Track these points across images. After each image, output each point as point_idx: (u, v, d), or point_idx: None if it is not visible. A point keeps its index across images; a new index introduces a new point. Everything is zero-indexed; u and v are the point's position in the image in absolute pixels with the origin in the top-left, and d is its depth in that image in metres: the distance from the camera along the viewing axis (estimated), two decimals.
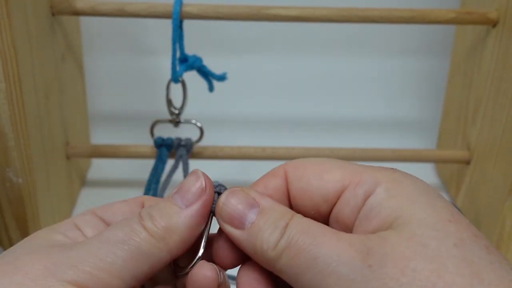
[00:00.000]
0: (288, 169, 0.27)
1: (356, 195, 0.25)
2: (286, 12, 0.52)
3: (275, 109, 0.75)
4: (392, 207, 0.24)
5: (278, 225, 0.24)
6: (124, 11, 0.52)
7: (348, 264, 0.22)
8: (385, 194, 0.24)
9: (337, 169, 0.26)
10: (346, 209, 0.25)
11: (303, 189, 0.26)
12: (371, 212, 0.24)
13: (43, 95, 0.49)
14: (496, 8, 0.53)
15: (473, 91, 0.58)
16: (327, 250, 0.23)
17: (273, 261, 0.24)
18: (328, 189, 0.26)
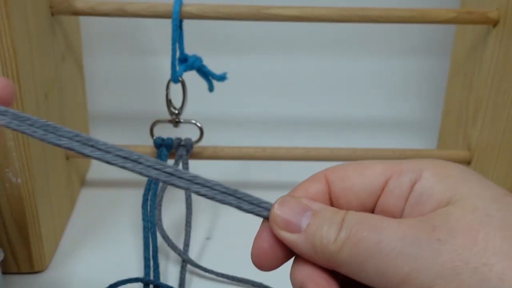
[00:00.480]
0: (328, 173, 0.27)
1: (401, 183, 0.25)
2: (286, 12, 0.52)
3: (275, 109, 0.75)
4: (444, 187, 0.24)
5: (334, 220, 0.24)
6: (124, 11, 0.52)
7: (415, 243, 0.22)
8: (434, 178, 0.25)
9: (377, 164, 0.26)
10: (391, 199, 0.25)
11: (346, 188, 0.26)
12: (422, 197, 0.24)
13: (43, 95, 0.49)
14: (496, 7, 0.52)
15: (473, 91, 0.58)
16: (389, 233, 0.23)
17: (335, 254, 0.24)
18: (371, 183, 0.26)
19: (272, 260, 0.26)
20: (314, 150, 0.60)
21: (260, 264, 0.26)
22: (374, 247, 0.23)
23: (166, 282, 0.50)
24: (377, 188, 0.26)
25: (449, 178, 0.25)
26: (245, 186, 0.65)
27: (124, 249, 0.55)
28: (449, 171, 0.25)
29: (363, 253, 0.23)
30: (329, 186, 0.27)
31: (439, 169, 0.25)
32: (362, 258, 0.23)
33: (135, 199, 0.58)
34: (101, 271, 0.52)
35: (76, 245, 0.55)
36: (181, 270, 0.51)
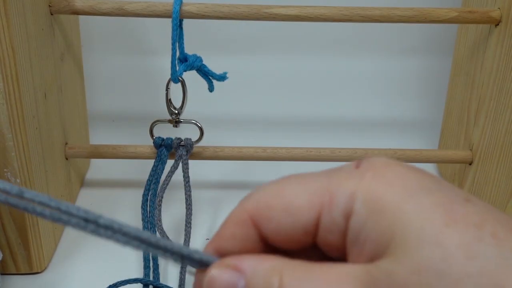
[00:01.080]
0: (252, 212, 0.23)
1: (334, 220, 0.21)
2: (286, 11, 0.52)
3: (275, 109, 0.75)
4: (379, 226, 0.20)
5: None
6: (124, 10, 0.51)
7: None
8: (365, 211, 0.20)
9: (301, 194, 0.22)
10: (330, 236, 0.22)
11: (278, 230, 0.22)
12: (359, 236, 0.21)
13: (42, 95, 0.49)
14: (498, 6, 0.52)
15: (475, 90, 0.57)
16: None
17: None
18: (301, 222, 0.22)
19: None
20: (315, 150, 0.59)
21: None
22: None
23: (165, 282, 0.50)
24: (310, 225, 0.22)
25: (383, 210, 0.20)
26: (245, 186, 0.65)
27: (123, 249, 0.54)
28: (383, 198, 0.20)
29: None
30: (257, 227, 0.23)
31: (370, 195, 0.20)
32: None
33: (135, 199, 0.58)
34: (101, 272, 0.52)
35: (75, 245, 0.55)
36: (181, 270, 0.51)
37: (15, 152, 0.45)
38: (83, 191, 0.63)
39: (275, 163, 0.62)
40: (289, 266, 0.21)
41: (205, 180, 0.65)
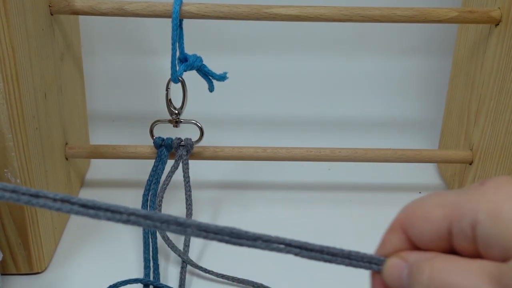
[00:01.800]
0: (401, 221, 0.28)
1: (462, 229, 0.25)
2: (286, 11, 0.52)
3: (275, 109, 0.75)
4: (503, 232, 0.24)
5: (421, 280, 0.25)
6: (124, 10, 0.51)
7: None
8: (490, 221, 0.24)
9: (436, 208, 0.27)
10: (462, 243, 0.26)
11: (419, 235, 0.27)
12: (488, 242, 0.24)
13: (42, 95, 0.49)
14: (498, 6, 0.52)
15: (475, 90, 0.57)
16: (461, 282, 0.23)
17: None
18: (437, 229, 0.26)
19: None
20: (315, 150, 0.59)
21: None
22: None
23: (166, 282, 0.50)
24: (444, 233, 0.26)
25: (504, 218, 0.24)
26: (245, 186, 0.65)
27: (123, 249, 0.54)
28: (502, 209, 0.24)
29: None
30: (406, 233, 0.28)
31: (492, 207, 0.25)
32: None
33: (135, 199, 0.58)
34: (101, 272, 0.52)
35: (75, 246, 0.55)
36: (181, 270, 0.51)
37: (15, 152, 0.45)
38: (83, 191, 0.63)
39: (275, 163, 0.62)
40: (441, 256, 0.26)
41: (205, 180, 0.65)
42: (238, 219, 0.59)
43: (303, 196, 0.63)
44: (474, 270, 0.24)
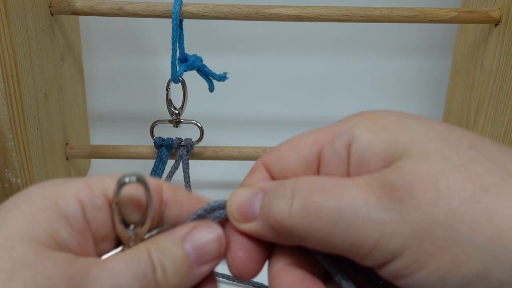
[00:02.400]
0: (264, 159, 0.26)
1: (336, 149, 0.24)
2: (286, 11, 0.52)
3: (275, 109, 0.75)
4: (384, 140, 0.23)
5: (283, 192, 0.23)
6: (124, 10, 0.51)
7: (378, 207, 0.21)
8: (368, 133, 0.23)
9: (307, 135, 0.25)
10: (331, 167, 0.24)
11: (283, 168, 0.25)
12: (364, 157, 0.23)
13: (42, 95, 0.49)
14: (498, 6, 0.52)
15: (475, 90, 0.57)
16: (349, 200, 0.21)
17: (295, 229, 0.22)
18: (305, 156, 0.25)
19: (253, 265, 0.25)
20: None
21: (242, 273, 0.25)
22: (337, 217, 0.21)
23: None
24: (313, 159, 0.25)
25: (384, 128, 0.23)
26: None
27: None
28: (382, 121, 0.23)
29: (326, 225, 0.21)
30: (269, 171, 0.26)
31: (371, 122, 0.24)
32: (326, 230, 0.21)
33: None
34: None
35: None
36: None
37: (16, 152, 0.45)
38: None
39: None
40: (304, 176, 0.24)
41: (206, 180, 0.65)
42: None
43: None
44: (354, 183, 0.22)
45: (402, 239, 0.20)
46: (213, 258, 0.24)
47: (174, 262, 0.23)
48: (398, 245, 0.20)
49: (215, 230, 0.24)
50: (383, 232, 0.21)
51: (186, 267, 0.24)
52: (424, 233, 0.20)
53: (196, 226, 0.25)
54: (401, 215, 0.20)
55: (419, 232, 0.20)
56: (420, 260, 0.20)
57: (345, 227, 0.21)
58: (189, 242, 0.24)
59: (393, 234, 0.20)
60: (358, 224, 0.21)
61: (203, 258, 0.24)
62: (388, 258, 0.21)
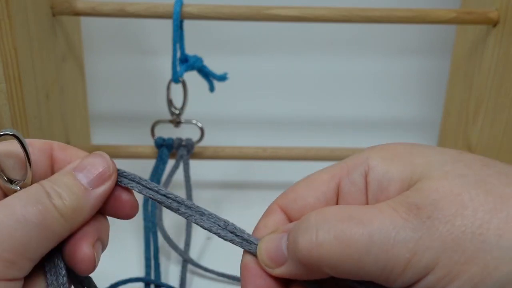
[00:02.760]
0: (280, 201, 0.27)
1: (353, 181, 0.25)
2: (286, 12, 0.52)
3: (275, 109, 0.75)
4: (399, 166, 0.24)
5: (307, 225, 0.23)
6: (125, 11, 0.52)
7: (407, 227, 0.22)
8: (383, 162, 0.24)
9: (322, 173, 0.26)
10: (350, 199, 0.25)
11: (301, 207, 0.26)
12: (382, 184, 0.24)
13: (44, 96, 0.49)
14: (496, 7, 0.52)
15: (474, 91, 0.58)
16: (378, 224, 0.22)
17: (325, 259, 0.22)
18: (323, 192, 0.26)
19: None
20: (314, 150, 0.60)
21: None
22: (368, 242, 0.22)
23: (167, 281, 0.50)
24: (332, 194, 0.25)
25: (398, 155, 0.24)
26: (245, 186, 0.65)
27: (125, 249, 0.55)
28: (395, 150, 0.25)
29: (358, 251, 0.22)
30: (286, 213, 0.26)
31: (384, 152, 0.25)
32: (358, 257, 0.22)
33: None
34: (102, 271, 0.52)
35: None
36: (182, 269, 0.51)
37: None
38: None
39: (275, 163, 0.62)
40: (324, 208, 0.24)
41: (206, 180, 0.65)
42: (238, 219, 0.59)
43: None
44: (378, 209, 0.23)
45: (433, 253, 0.21)
46: (105, 179, 0.26)
47: (68, 187, 0.25)
48: (430, 260, 0.21)
49: (99, 154, 0.27)
50: (415, 250, 0.21)
51: (81, 190, 0.25)
52: (454, 245, 0.21)
53: (83, 158, 0.27)
54: (430, 231, 0.21)
55: (449, 245, 0.21)
56: (453, 272, 0.21)
57: (377, 251, 0.22)
58: (77, 170, 0.26)
59: (425, 250, 0.21)
60: (389, 247, 0.22)
61: (95, 180, 0.26)
62: (421, 275, 0.22)
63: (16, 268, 0.24)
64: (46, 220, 0.24)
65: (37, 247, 0.24)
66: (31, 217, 0.24)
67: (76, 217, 0.25)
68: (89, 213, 0.26)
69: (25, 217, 0.24)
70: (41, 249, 0.24)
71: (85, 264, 0.26)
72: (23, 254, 0.24)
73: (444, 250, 0.21)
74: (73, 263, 0.26)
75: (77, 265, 0.26)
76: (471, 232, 0.21)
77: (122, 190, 0.28)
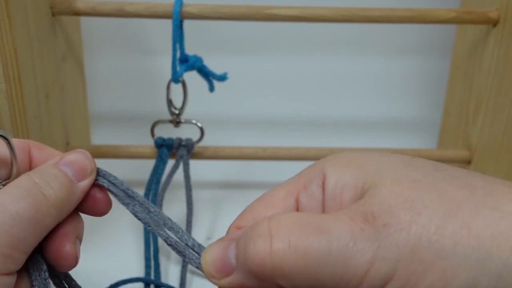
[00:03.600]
0: (237, 223, 0.26)
1: (312, 194, 0.25)
2: (286, 12, 0.52)
3: (275, 109, 0.75)
4: (352, 174, 0.24)
5: (259, 233, 0.22)
6: (125, 11, 0.52)
7: (364, 237, 0.21)
8: (337, 170, 0.24)
9: (279, 189, 0.26)
10: (310, 211, 0.25)
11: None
12: (335, 191, 0.24)
13: (44, 96, 0.49)
14: (496, 7, 0.52)
15: (474, 90, 0.58)
16: (335, 234, 0.21)
17: (279, 270, 0.21)
18: (282, 208, 0.25)
19: None
20: (314, 150, 0.60)
21: None
22: (326, 253, 0.21)
23: (167, 282, 0.50)
24: (291, 210, 0.25)
25: (351, 163, 0.24)
26: (245, 186, 0.65)
27: (125, 249, 0.55)
28: (347, 157, 0.25)
29: (315, 262, 0.21)
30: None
31: (337, 160, 0.25)
32: (315, 267, 0.21)
33: None
34: (102, 271, 0.52)
35: None
36: (182, 270, 0.51)
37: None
38: None
39: (275, 163, 0.62)
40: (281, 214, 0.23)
41: (206, 180, 0.65)
42: None
43: None
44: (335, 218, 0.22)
45: (391, 263, 0.21)
46: (87, 174, 0.27)
47: (56, 178, 0.26)
48: (388, 270, 0.21)
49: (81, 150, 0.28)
50: (372, 260, 0.21)
51: (68, 182, 0.26)
52: (411, 254, 0.21)
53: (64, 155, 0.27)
54: (387, 240, 0.21)
55: (406, 254, 0.21)
56: (410, 282, 0.21)
57: (334, 262, 0.21)
58: (62, 164, 0.27)
59: (382, 260, 0.21)
60: (347, 257, 0.21)
61: (79, 174, 0.27)
62: (379, 286, 0.21)
63: (13, 262, 0.24)
64: (39, 213, 0.25)
65: (32, 240, 0.25)
66: (25, 213, 0.24)
67: (64, 208, 0.26)
68: (73, 206, 0.27)
69: (19, 213, 0.24)
70: (35, 242, 0.25)
71: (68, 261, 0.27)
72: (19, 248, 0.24)
73: (401, 259, 0.21)
74: (56, 261, 0.27)
75: (61, 262, 0.27)
76: (427, 239, 0.21)
77: (96, 187, 0.28)
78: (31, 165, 0.28)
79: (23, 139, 0.29)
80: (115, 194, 0.29)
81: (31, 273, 0.27)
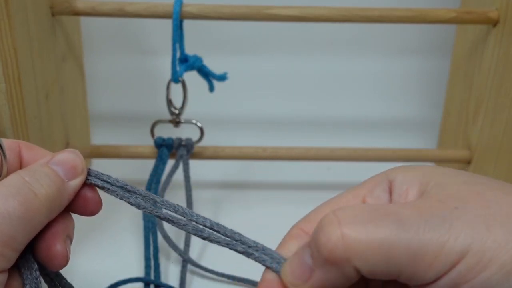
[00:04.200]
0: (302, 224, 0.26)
1: (378, 196, 0.26)
2: (286, 12, 0.52)
3: (275, 109, 0.75)
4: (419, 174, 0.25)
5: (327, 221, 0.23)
6: (125, 11, 0.52)
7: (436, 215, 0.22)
8: (404, 172, 0.25)
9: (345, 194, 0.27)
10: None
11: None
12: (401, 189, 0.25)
13: (44, 96, 0.49)
14: (496, 7, 0.52)
15: (474, 90, 0.58)
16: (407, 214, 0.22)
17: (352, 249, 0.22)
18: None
19: None
20: (314, 150, 0.60)
21: None
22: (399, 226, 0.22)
23: (166, 281, 0.50)
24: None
25: (415, 169, 0.26)
26: (245, 186, 0.65)
27: (124, 249, 0.55)
28: (412, 167, 0.26)
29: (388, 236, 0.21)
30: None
31: (403, 168, 0.26)
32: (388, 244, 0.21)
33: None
34: (102, 271, 0.52)
35: (76, 245, 0.55)
36: (182, 269, 0.51)
37: None
38: None
39: (275, 163, 0.62)
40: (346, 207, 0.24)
41: (206, 180, 0.65)
42: (238, 219, 0.59)
43: (303, 196, 0.64)
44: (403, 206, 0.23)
45: (465, 240, 0.21)
46: (78, 173, 0.27)
47: (47, 176, 0.26)
48: (464, 244, 0.21)
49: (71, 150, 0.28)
50: (448, 234, 0.21)
51: (59, 180, 0.26)
52: (485, 230, 0.21)
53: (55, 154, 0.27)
54: (461, 218, 0.22)
55: (481, 229, 0.21)
56: (484, 259, 0.21)
57: (408, 236, 0.21)
58: (53, 163, 0.27)
59: (458, 234, 0.21)
60: (421, 232, 0.21)
61: (70, 172, 0.27)
62: (454, 262, 0.21)
63: (4, 259, 0.24)
64: (29, 211, 0.25)
65: (22, 238, 0.25)
66: (14, 211, 0.24)
67: (54, 206, 0.26)
68: (64, 205, 0.27)
69: (8, 211, 0.24)
70: (26, 239, 0.25)
71: (58, 260, 0.27)
72: (10, 245, 0.24)
73: (477, 234, 0.21)
74: (47, 260, 0.27)
75: (51, 261, 0.27)
76: (500, 217, 0.22)
77: (86, 187, 0.28)
78: (21, 165, 0.28)
79: (13, 139, 0.29)
80: (112, 191, 0.29)
81: (22, 272, 0.27)
